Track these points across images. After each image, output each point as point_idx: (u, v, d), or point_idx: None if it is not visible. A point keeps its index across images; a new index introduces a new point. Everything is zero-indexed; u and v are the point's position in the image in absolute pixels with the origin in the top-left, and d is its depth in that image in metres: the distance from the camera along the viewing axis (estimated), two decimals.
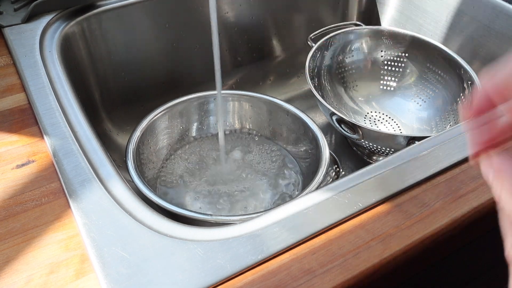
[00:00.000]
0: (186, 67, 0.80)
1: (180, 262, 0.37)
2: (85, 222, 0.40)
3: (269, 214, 0.41)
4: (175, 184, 0.63)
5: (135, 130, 0.61)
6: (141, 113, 0.64)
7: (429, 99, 0.74)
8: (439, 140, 0.49)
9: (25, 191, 0.43)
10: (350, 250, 0.39)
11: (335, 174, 0.63)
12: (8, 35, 0.63)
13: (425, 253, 0.41)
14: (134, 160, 0.57)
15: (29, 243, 0.39)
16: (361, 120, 0.77)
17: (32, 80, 0.55)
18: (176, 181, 0.63)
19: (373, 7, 0.90)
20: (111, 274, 0.37)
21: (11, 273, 0.37)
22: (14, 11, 0.66)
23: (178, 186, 0.63)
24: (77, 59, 0.69)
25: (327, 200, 0.42)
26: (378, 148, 0.64)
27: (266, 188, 0.63)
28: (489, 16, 0.71)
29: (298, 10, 0.86)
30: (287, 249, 0.39)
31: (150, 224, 0.41)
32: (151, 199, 0.51)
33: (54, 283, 0.36)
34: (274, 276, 0.37)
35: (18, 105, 0.53)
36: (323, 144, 0.60)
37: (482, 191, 0.44)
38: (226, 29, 0.81)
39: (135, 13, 0.72)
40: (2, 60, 0.60)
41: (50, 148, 0.47)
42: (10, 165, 0.46)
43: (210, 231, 0.40)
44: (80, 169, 0.45)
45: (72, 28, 0.67)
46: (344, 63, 0.78)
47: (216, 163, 0.66)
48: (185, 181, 0.63)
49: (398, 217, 0.41)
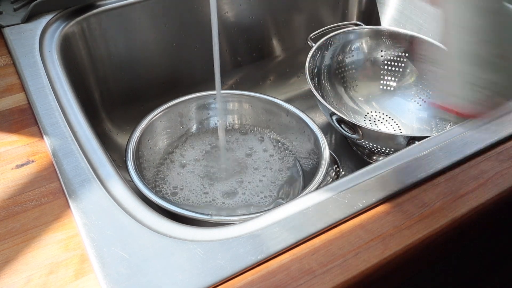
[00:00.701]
0: (186, 67, 0.80)
1: (180, 262, 0.37)
2: (84, 222, 0.40)
3: (269, 214, 0.41)
4: (175, 184, 0.63)
5: (135, 130, 0.61)
6: (141, 113, 0.64)
7: (429, 99, 0.74)
8: (439, 140, 0.49)
9: (24, 191, 0.43)
10: (350, 250, 0.39)
11: (335, 174, 0.63)
12: (7, 35, 0.62)
13: (425, 253, 0.41)
14: (134, 160, 0.57)
15: (28, 243, 0.39)
16: (361, 120, 0.76)
17: (31, 80, 0.55)
18: (176, 181, 0.63)
19: (373, 7, 0.90)
20: (110, 274, 0.37)
21: (11, 273, 0.37)
22: (14, 11, 0.66)
23: (178, 185, 0.63)
24: (77, 59, 0.69)
25: (327, 200, 0.42)
26: (378, 148, 0.64)
27: (266, 186, 0.63)
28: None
29: (298, 10, 0.86)
30: (287, 249, 0.39)
31: (150, 224, 0.41)
32: (151, 199, 0.51)
33: (53, 283, 0.36)
34: (274, 276, 0.37)
35: (18, 105, 0.53)
36: (323, 144, 0.60)
37: (482, 191, 0.44)
38: (226, 29, 0.81)
39: (135, 13, 0.72)
40: (1, 60, 0.60)
41: (50, 148, 0.47)
42: (10, 165, 0.46)
43: (210, 231, 0.40)
44: (80, 169, 0.45)
45: (72, 28, 0.67)
46: (344, 63, 0.78)
47: (216, 163, 0.66)
48: (184, 180, 0.63)
49: (398, 217, 0.41)
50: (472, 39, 0.38)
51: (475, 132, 0.49)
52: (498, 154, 0.47)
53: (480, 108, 0.39)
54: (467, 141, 0.48)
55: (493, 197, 0.43)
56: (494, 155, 0.47)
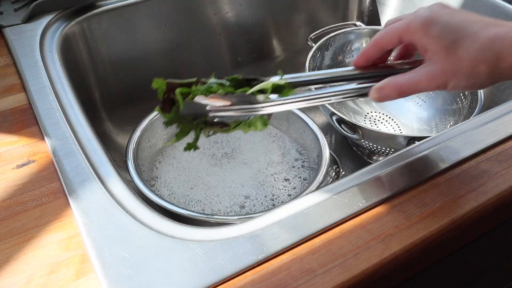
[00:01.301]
0: (186, 67, 0.80)
1: (180, 262, 0.37)
2: (85, 222, 0.40)
3: (269, 214, 0.42)
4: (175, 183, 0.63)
5: (135, 130, 0.61)
6: (141, 113, 0.64)
7: (429, 99, 0.74)
8: (439, 140, 0.49)
9: (25, 191, 0.43)
10: (350, 250, 0.39)
11: (335, 174, 0.63)
12: (8, 35, 0.63)
13: (425, 253, 0.41)
14: (134, 160, 0.57)
15: (29, 243, 0.39)
16: (361, 120, 0.77)
17: (32, 80, 0.55)
18: (176, 180, 0.63)
19: (373, 7, 0.90)
20: (111, 274, 0.37)
21: (12, 273, 0.37)
22: (15, 11, 0.67)
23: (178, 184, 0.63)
24: (77, 59, 0.69)
25: (327, 200, 0.42)
26: (378, 148, 0.64)
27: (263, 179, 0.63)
28: (489, 16, 0.71)
29: (298, 10, 0.86)
30: (287, 249, 0.39)
31: (151, 224, 0.41)
32: (151, 199, 0.51)
33: (54, 283, 0.36)
34: (274, 276, 0.37)
35: (19, 105, 0.53)
36: (323, 144, 0.60)
37: (482, 191, 0.44)
38: (226, 29, 0.81)
39: (135, 13, 0.72)
40: (2, 60, 0.60)
41: (50, 148, 0.47)
42: (11, 165, 0.46)
43: (210, 231, 0.40)
44: (80, 169, 0.45)
45: (72, 28, 0.67)
46: (344, 63, 0.78)
47: (216, 162, 0.66)
48: (185, 178, 0.63)
49: (398, 217, 0.41)
50: None
51: (475, 132, 0.49)
52: (498, 154, 0.47)
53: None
54: (467, 141, 0.48)
55: (493, 197, 0.43)
56: (494, 155, 0.47)
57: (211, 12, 0.78)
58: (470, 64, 0.36)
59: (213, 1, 0.77)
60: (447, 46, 0.37)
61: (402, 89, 0.39)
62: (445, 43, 0.37)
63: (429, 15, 0.38)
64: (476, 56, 0.36)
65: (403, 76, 0.40)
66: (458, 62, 0.37)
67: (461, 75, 0.37)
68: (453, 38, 0.37)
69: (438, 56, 0.38)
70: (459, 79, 0.38)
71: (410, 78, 0.39)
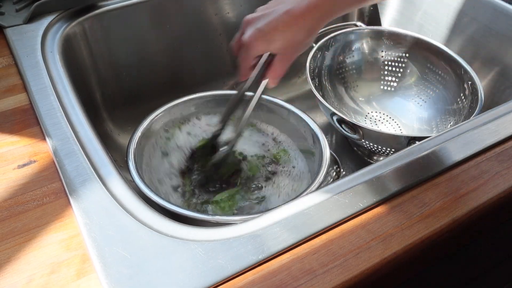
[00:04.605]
0: (187, 68, 0.80)
1: (181, 262, 0.38)
2: (86, 222, 0.40)
3: (269, 214, 0.42)
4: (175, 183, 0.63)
5: (136, 130, 0.61)
6: (142, 113, 0.64)
7: (430, 99, 0.75)
8: (439, 140, 0.49)
9: (26, 191, 0.44)
10: (350, 250, 0.39)
11: (335, 174, 0.63)
12: (10, 36, 0.63)
13: (425, 253, 0.41)
14: (135, 160, 0.57)
15: (30, 243, 0.39)
16: (361, 120, 0.77)
17: (33, 81, 0.55)
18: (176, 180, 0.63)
19: (373, 8, 0.90)
20: (112, 274, 0.37)
21: (13, 273, 0.37)
22: (16, 11, 0.67)
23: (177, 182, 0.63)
24: (79, 59, 0.69)
25: (327, 200, 0.43)
26: (379, 148, 0.64)
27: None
28: (489, 17, 0.71)
29: None
30: (288, 249, 0.39)
31: (151, 224, 0.41)
32: (152, 199, 0.51)
33: (55, 283, 0.37)
34: (275, 276, 0.37)
35: (20, 105, 0.53)
36: (324, 144, 0.60)
37: (482, 191, 0.44)
38: (227, 30, 0.81)
39: (136, 14, 0.72)
40: (3, 60, 0.60)
41: (52, 148, 0.47)
42: (12, 165, 0.46)
43: (210, 231, 0.40)
44: (81, 169, 0.45)
45: (73, 29, 0.67)
46: (345, 63, 0.78)
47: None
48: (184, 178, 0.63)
49: (398, 217, 0.41)
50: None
51: (475, 132, 0.49)
52: (498, 154, 0.47)
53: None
54: (467, 141, 0.48)
55: (493, 197, 0.43)
56: (494, 155, 0.47)
57: (212, 12, 0.78)
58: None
59: (214, 1, 0.78)
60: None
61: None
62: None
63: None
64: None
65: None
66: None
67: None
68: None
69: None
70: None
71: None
